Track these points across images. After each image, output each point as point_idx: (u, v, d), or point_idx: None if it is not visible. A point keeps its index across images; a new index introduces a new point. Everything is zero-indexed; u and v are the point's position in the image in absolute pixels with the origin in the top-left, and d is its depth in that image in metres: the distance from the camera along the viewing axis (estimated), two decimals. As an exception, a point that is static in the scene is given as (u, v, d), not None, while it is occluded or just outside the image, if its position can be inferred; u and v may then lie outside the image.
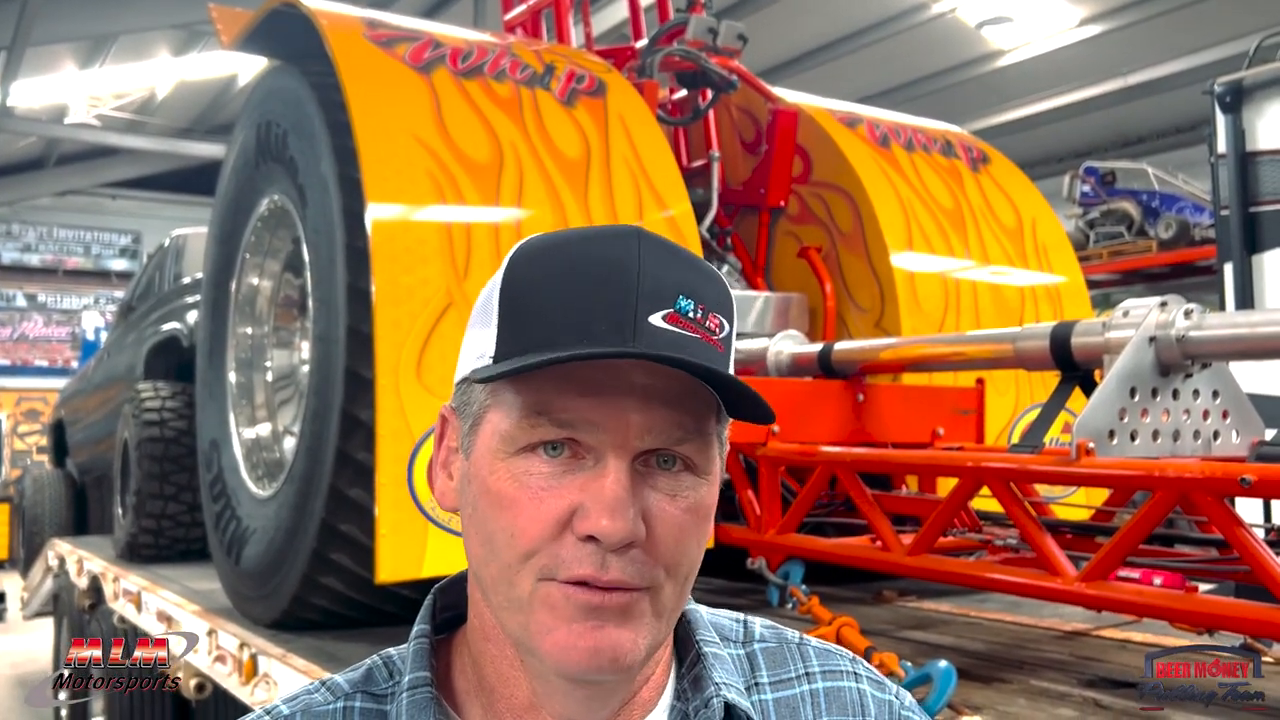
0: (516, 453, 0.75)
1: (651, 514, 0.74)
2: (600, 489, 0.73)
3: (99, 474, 7.00)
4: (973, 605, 3.33)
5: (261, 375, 3.71)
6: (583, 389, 0.73)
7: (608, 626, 0.73)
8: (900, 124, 4.18)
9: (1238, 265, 5.20)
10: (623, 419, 0.73)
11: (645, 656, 0.76)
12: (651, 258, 0.75)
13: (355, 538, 2.73)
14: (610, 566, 0.73)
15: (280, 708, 0.83)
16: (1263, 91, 5.23)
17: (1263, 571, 1.85)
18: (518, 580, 0.75)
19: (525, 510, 0.74)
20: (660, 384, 0.74)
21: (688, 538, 0.76)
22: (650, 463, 0.75)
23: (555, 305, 0.74)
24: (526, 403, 0.74)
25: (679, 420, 0.75)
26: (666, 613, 0.77)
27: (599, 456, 0.74)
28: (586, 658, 0.73)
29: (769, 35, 11.29)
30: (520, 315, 0.76)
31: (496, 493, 0.75)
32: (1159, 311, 2.24)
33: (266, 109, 3.41)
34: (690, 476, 0.77)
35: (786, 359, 3.25)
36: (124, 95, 15.82)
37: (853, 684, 0.89)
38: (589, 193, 2.97)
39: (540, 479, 0.74)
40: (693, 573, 0.78)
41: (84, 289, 20.51)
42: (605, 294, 0.73)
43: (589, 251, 0.76)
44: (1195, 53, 11.49)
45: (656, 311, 0.73)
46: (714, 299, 0.77)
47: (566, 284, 0.74)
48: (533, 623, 0.74)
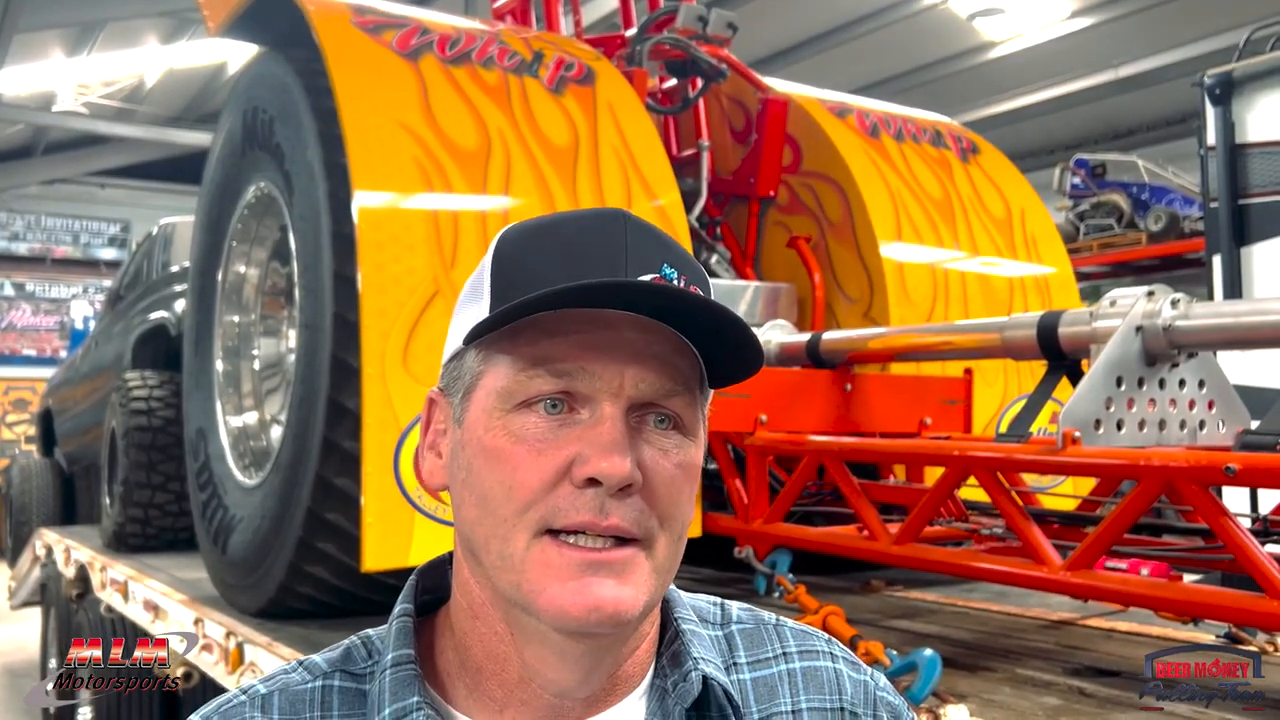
0: (514, 409, 0.76)
1: (646, 465, 0.76)
2: (599, 434, 0.74)
3: (87, 463, 6.98)
4: (960, 594, 3.34)
5: (248, 364, 3.69)
6: (579, 339, 0.75)
7: (606, 580, 0.74)
8: (890, 114, 4.18)
9: (1226, 257, 5.21)
10: (618, 367, 0.75)
11: (643, 614, 0.77)
12: (636, 235, 0.78)
13: (341, 526, 2.72)
14: (610, 512, 0.74)
15: (258, 687, 0.82)
16: (1252, 84, 5.23)
17: (1246, 560, 1.85)
18: (513, 536, 0.75)
19: (524, 463, 0.75)
20: (652, 338, 0.76)
21: (679, 492, 0.78)
22: (644, 419, 0.77)
23: (548, 270, 0.76)
24: (524, 356, 0.76)
25: (670, 374, 0.77)
26: (662, 570, 0.78)
27: (594, 407, 0.76)
28: (585, 612, 0.73)
29: (760, 26, 11.27)
30: (514, 280, 0.78)
31: (493, 449, 0.76)
32: (1146, 301, 2.24)
33: (253, 96, 3.39)
34: (679, 435, 0.79)
35: (775, 348, 3.25)
36: (112, 83, 15.71)
37: (829, 664, 0.90)
38: (577, 181, 2.96)
39: (538, 432, 0.75)
40: (685, 532, 0.80)
41: (72, 278, 20.39)
42: (595, 258, 0.76)
43: (577, 227, 0.79)
44: (1185, 45, 11.50)
45: (645, 275, 0.76)
46: (695, 277, 0.80)
47: (558, 253, 0.77)
48: (526, 581, 0.75)
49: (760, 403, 2.92)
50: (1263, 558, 1.84)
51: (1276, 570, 1.81)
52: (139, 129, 16.59)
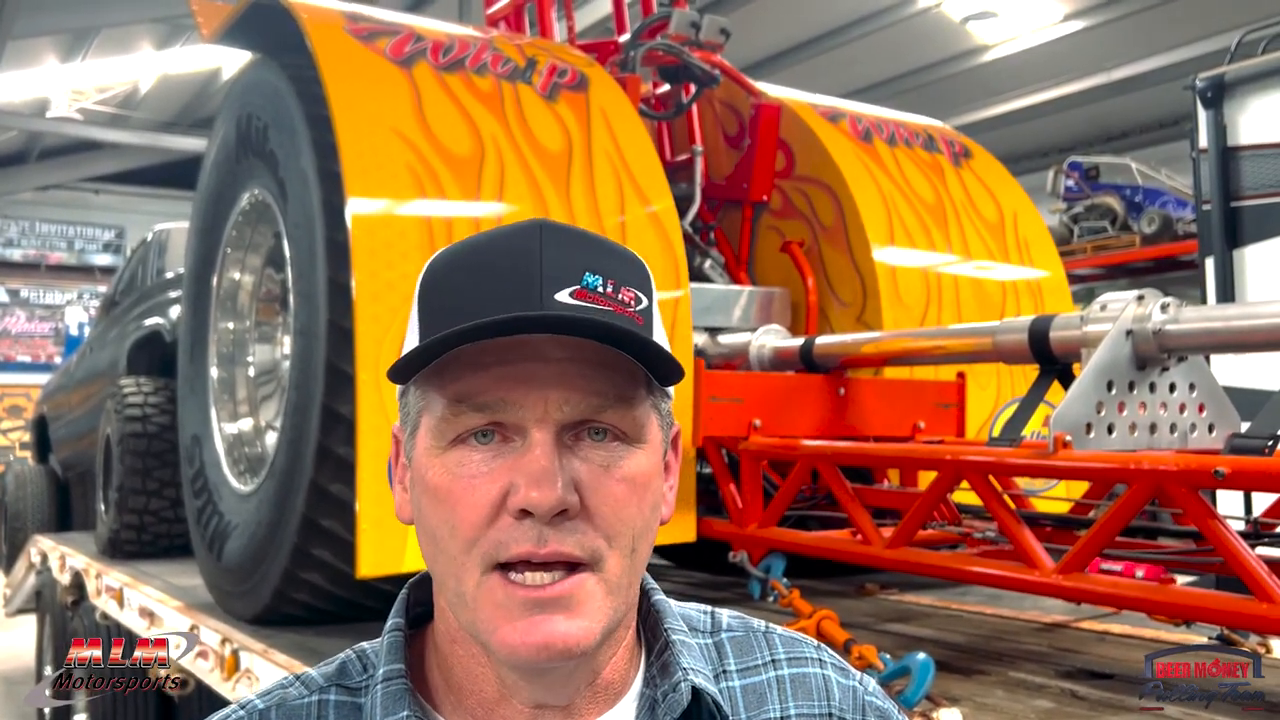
0: (448, 446, 0.77)
1: (584, 484, 0.75)
2: (526, 463, 0.74)
3: (82, 470, 6.96)
4: (954, 598, 3.35)
5: (243, 370, 3.69)
6: (499, 372, 0.75)
7: (555, 617, 0.74)
8: (883, 118, 4.19)
9: (1219, 260, 5.23)
10: (540, 393, 0.75)
11: (601, 639, 0.77)
12: (554, 244, 0.77)
13: (336, 533, 2.72)
14: (548, 540, 0.74)
15: (255, 702, 0.83)
16: (1244, 87, 5.25)
17: (1236, 563, 1.86)
18: (464, 575, 0.76)
19: (462, 500, 0.76)
20: (576, 356, 0.76)
21: (624, 506, 0.77)
22: (580, 435, 0.77)
23: (464, 298, 0.76)
24: (449, 394, 0.77)
25: (597, 389, 0.76)
26: (619, 589, 0.77)
27: (524, 435, 0.76)
28: (535, 652, 0.74)
29: (753, 31, 11.29)
30: (436, 314, 0.78)
31: (434, 487, 0.77)
32: (1136, 305, 2.25)
33: (247, 103, 3.40)
34: (621, 445, 0.78)
35: (769, 353, 3.26)
36: (106, 89, 15.71)
37: (818, 670, 0.91)
38: (570, 187, 2.97)
39: (472, 467, 0.76)
40: (640, 544, 0.79)
41: (67, 284, 20.37)
42: (511, 279, 0.76)
43: (494, 247, 0.78)
44: (1178, 48, 11.54)
45: (563, 289, 0.75)
46: (626, 275, 0.79)
47: (474, 278, 0.77)
48: (480, 620, 0.76)
49: (754, 407, 2.93)
50: (1252, 561, 1.85)
51: (1266, 573, 1.82)
52: (133, 135, 16.59)
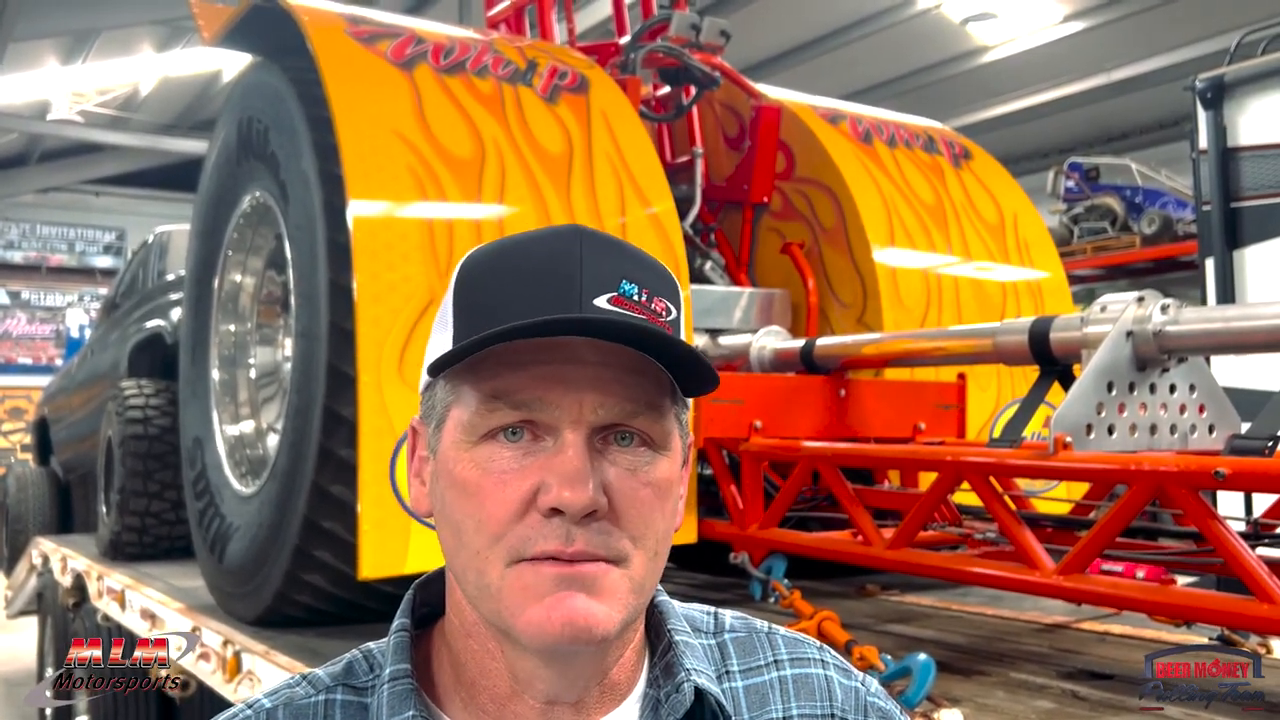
0: (478, 441, 0.78)
1: (612, 487, 0.77)
2: (559, 463, 0.76)
3: (83, 472, 6.96)
4: (955, 599, 3.35)
5: (245, 372, 3.70)
6: (536, 371, 0.77)
7: (580, 596, 0.75)
8: (882, 120, 4.20)
9: (1219, 260, 5.23)
10: (576, 395, 0.77)
11: (620, 629, 0.78)
12: (594, 251, 0.79)
13: (338, 534, 2.73)
14: (576, 538, 0.75)
15: (263, 702, 0.84)
16: (1244, 88, 5.26)
17: (1236, 564, 1.87)
18: (487, 567, 0.77)
19: (491, 495, 0.77)
20: (610, 361, 0.77)
21: (650, 510, 0.79)
22: (608, 440, 0.78)
23: (505, 298, 0.77)
24: (484, 390, 0.78)
25: (631, 395, 0.78)
26: (640, 588, 0.79)
27: (556, 435, 0.77)
28: (560, 629, 0.75)
29: (753, 32, 11.29)
30: (473, 312, 0.79)
31: (462, 481, 0.78)
32: (1136, 306, 2.26)
33: (248, 105, 3.40)
34: (648, 451, 0.79)
35: (769, 354, 3.27)
36: (107, 91, 15.70)
37: (820, 671, 0.91)
38: (571, 189, 2.97)
39: (503, 463, 0.77)
40: (662, 547, 0.80)
41: (68, 286, 20.36)
42: (551, 283, 0.77)
43: (534, 250, 0.80)
44: (1177, 49, 11.53)
45: (601, 295, 0.77)
46: (658, 286, 0.80)
47: (515, 279, 0.78)
48: (504, 606, 0.76)
49: (755, 409, 2.93)
50: (1252, 561, 1.85)
51: (1266, 574, 1.83)
52: (134, 137, 16.59)
